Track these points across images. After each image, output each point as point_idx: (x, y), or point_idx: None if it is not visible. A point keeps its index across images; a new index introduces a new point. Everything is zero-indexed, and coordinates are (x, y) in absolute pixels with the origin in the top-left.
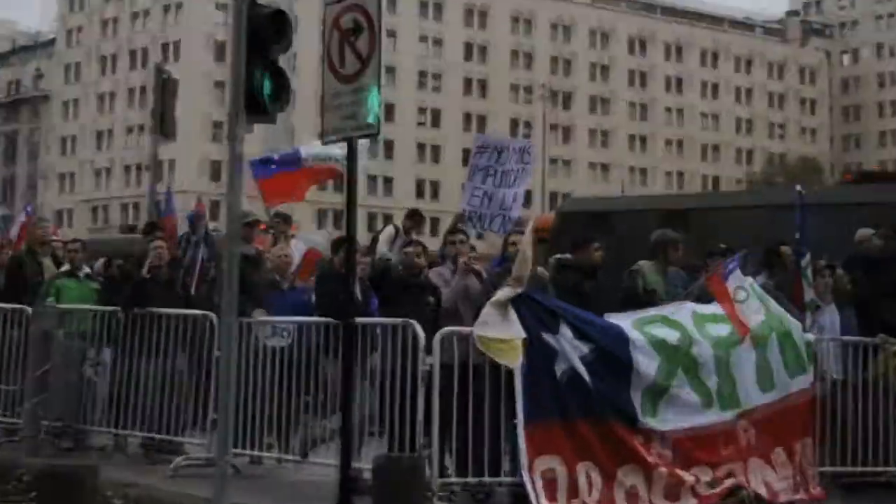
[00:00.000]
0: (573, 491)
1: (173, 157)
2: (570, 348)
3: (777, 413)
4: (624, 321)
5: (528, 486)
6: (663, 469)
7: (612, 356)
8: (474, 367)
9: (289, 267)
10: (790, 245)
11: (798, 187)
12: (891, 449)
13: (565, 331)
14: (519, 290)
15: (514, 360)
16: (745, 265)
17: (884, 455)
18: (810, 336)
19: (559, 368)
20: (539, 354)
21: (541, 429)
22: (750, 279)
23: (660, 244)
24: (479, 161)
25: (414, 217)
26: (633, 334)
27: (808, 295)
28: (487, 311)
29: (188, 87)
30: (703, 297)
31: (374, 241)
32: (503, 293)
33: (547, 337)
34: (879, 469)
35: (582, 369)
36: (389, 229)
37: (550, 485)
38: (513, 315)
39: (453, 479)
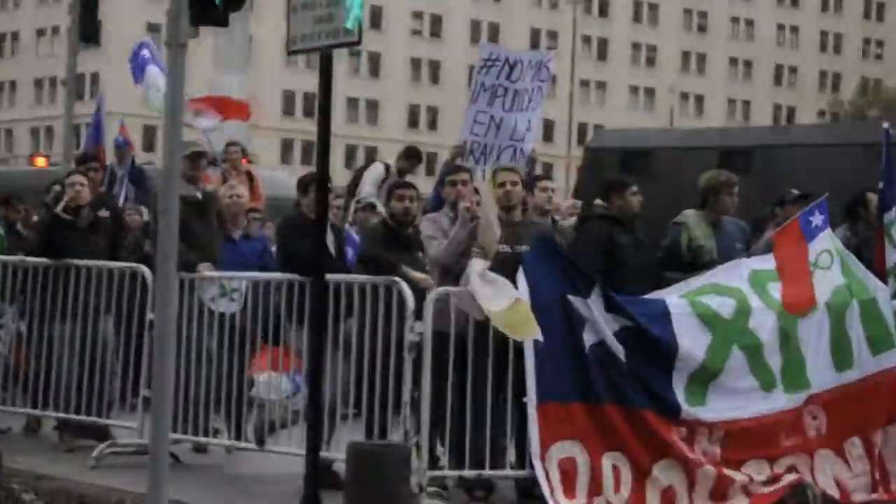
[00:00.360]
0: (596, 486)
1: (97, 69)
2: (603, 320)
3: (854, 396)
4: (667, 296)
5: (541, 477)
6: (710, 467)
7: (651, 334)
8: (475, 337)
9: (241, 210)
10: (877, 194)
11: (885, 123)
12: None
13: (597, 298)
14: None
15: (533, 331)
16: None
17: None
18: None
19: (588, 340)
20: (562, 320)
21: (558, 409)
22: (836, 239)
23: (711, 189)
24: (485, 78)
25: (410, 157)
26: (678, 306)
27: (893, 258)
28: (475, 281)
29: None
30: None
31: (356, 180)
32: (476, 267)
33: (575, 301)
34: None
35: (617, 346)
36: (378, 167)
37: (568, 476)
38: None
39: (446, 472)
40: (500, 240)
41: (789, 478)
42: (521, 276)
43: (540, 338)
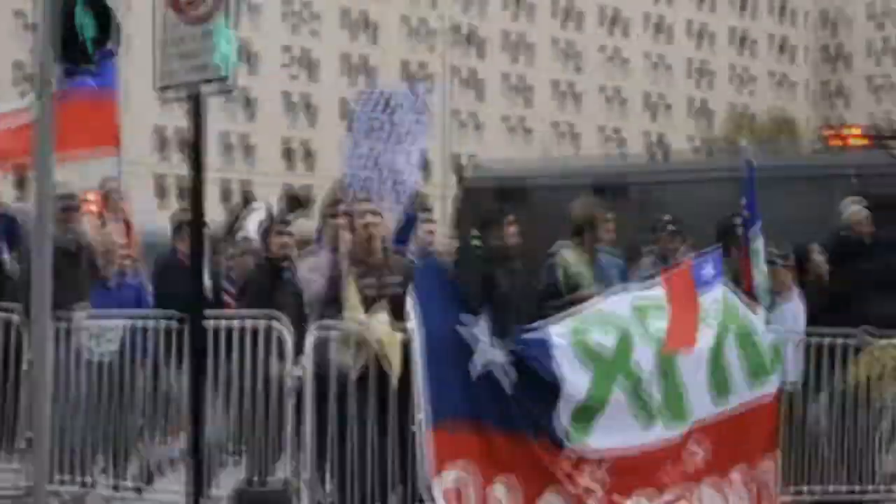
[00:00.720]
0: None
1: None
2: (490, 349)
3: (735, 426)
4: (551, 327)
5: (437, 498)
6: (599, 497)
7: (534, 371)
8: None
9: (116, 258)
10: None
11: (744, 142)
12: (866, 466)
13: (483, 327)
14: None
15: (395, 363)
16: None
17: (858, 473)
18: (776, 334)
19: (474, 369)
20: (451, 346)
21: (449, 429)
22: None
23: (585, 221)
24: (361, 113)
25: (290, 201)
26: (560, 345)
27: (759, 278)
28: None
29: None
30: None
31: (235, 218)
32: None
33: (463, 330)
34: (856, 489)
35: (502, 376)
36: (260, 212)
37: (457, 501)
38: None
39: None
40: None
41: None
42: (409, 303)
43: (418, 359)
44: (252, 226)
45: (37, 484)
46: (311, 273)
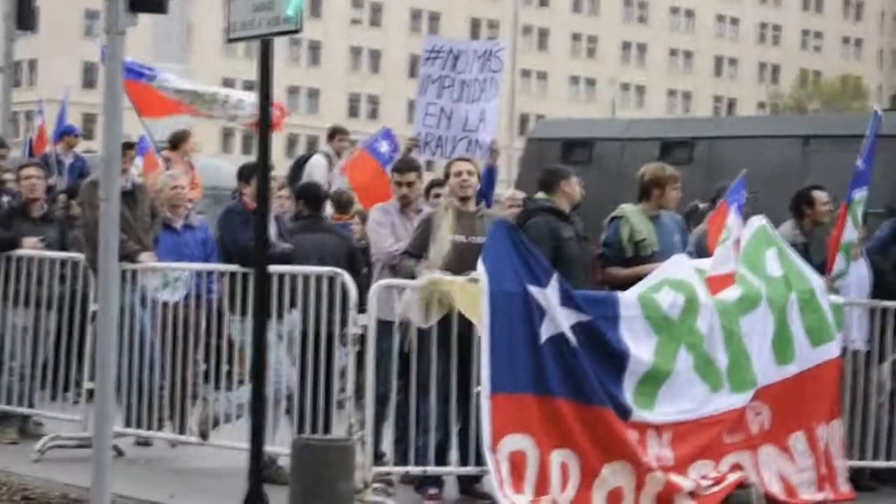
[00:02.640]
0: (543, 482)
1: (35, 56)
2: (560, 312)
3: (796, 390)
4: (619, 295)
5: (493, 469)
6: (659, 474)
7: (602, 335)
8: (419, 329)
9: (182, 202)
10: (825, 189)
11: (876, 107)
12: None
13: (554, 290)
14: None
15: (477, 315)
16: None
17: None
18: (838, 297)
19: (545, 332)
20: (520, 310)
21: (511, 401)
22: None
23: (656, 182)
24: (430, 70)
25: (336, 135)
26: (629, 307)
27: (851, 235)
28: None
29: None
30: (703, 249)
31: (297, 168)
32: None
33: (535, 291)
34: None
35: (573, 340)
36: (319, 160)
37: (517, 470)
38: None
39: (391, 469)
40: (455, 230)
41: (733, 477)
42: (480, 266)
43: (484, 322)
44: (320, 179)
45: (98, 433)
46: (380, 222)
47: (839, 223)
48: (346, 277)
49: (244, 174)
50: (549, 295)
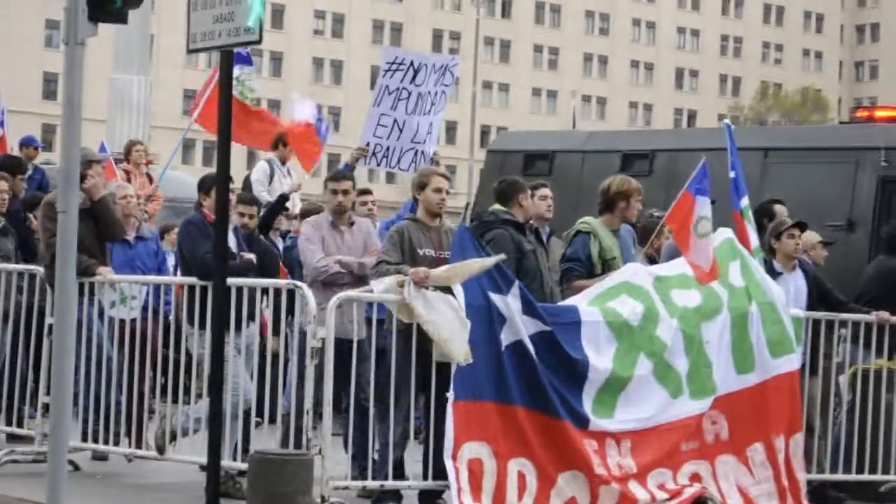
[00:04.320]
0: (500, 491)
1: None
2: (520, 321)
3: (756, 401)
4: (579, 304)
5: (452, 477)
6: (614, 485)
7: (561, 345)
8: (379, 346)
9: (132, 212)
10: (784, 203)
11: (726, 120)
12: (891, 454)
13: (515, 298)
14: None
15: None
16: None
17: (872, 461)
18: (798, 310)
19: (506, 340)
20: (483, 318)
21: (472, 408)
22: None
23: (619, 195)
24: (388, 81)
25: (278, 143)
26: (589, 314)
27: (755, 239)
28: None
29: None
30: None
31: (247, 183)
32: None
33: (495, 298)
34: (877, 478)
35: (531, 349)
36: (261, 165)
37: (475, 477)
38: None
39: (349, 483)
40: (424, 245)
41: (690, 491)
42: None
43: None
44: (260, 186)
45: (54, 448)
46: (310, 238)
47: (740, 234)
48: (307, 290)
49: (204, 186)
50: (510, 302)
